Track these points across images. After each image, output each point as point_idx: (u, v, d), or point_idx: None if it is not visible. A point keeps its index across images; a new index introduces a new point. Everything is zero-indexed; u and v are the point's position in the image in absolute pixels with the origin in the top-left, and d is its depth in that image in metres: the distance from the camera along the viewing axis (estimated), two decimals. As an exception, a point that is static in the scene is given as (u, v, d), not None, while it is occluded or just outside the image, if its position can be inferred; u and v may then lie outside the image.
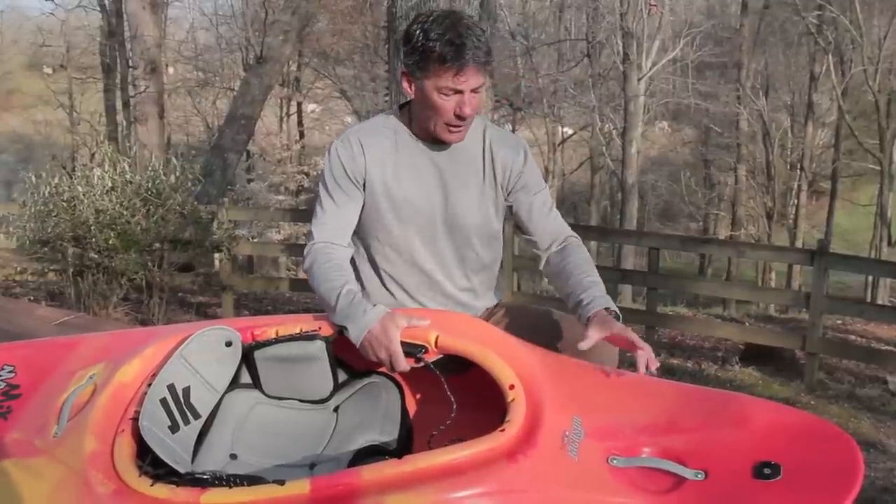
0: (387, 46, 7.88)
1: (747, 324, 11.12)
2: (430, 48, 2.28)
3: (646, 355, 2.24)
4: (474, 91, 2.33)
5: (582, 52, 26.46)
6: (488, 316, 2.67)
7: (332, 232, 2.46)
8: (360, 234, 2.55)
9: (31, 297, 9.50)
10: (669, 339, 9.85)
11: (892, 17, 22.81)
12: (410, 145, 2.48)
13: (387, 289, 2.57)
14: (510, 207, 2.60)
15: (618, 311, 2.36)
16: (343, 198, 2.46)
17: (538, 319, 2.63)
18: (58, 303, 8.49)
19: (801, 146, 26.63)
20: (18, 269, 10.84)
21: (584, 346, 2.24)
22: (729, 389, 7.11)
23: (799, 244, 24.09)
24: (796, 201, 26.65)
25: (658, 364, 2.26)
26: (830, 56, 23.31)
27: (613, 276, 13.93)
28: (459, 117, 2.34)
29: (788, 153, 27.76)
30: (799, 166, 26.86)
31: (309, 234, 2.51)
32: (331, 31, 23.57)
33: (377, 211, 2.48)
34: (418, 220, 2.49)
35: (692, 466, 1.95)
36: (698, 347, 9.57)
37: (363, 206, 2.49)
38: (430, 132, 2.42)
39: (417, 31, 2.32)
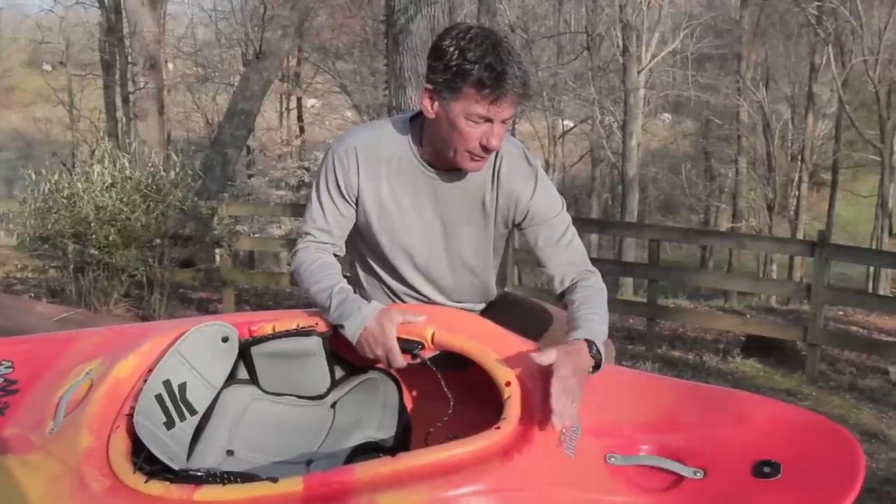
0: (385, 41, 7.87)
1: (748, 315, 11.11)
2: (467, 70, 2.09)
3: (554, 415, 1.91)
4: (503, 122, 2.17)
5: (581, 44, 26.44)
6: (485, 309, 2.65)
7: (318, 240, 2.41)
8: (356, 243, 2.50)
9: (32, 294, 9.50)
10: (671, 331, 9.86)
11: (893, 7, 22.74)
12: (413, 169, 2.34)
13: (385, 295, 2.54)
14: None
15: (601, 354, 2.10)
16: (333, 210, 2.39)
17: (538, 313, 2.61)
18: (58, 299, 8.49)
19: (802, 137, 26.56)
20: (19, 265, 10.84)
21: (537, 358, 1.99)
22: (730, 381, 7.16)
23: (800, 235, 24.03)
24: (797, 193, 26.60)
25: (561, 426, 1.92)
26: (830, 47, 23.24)
27: (614, 268, 13.90)
28: (485, 149, 2.18)
29: (789, 144, 27.71)
30: (799, 157, 26.81)
31: (298, 237, 2.47)
32: (330, 26, 23.52)
33: (368, 228, 2.41)
34: (412, 248, 2.42)
35: (691, 465, 1.94)
36: (700, 339, 9.56)
37: (357, 221, 2.42)
38: (445, 157, 2.26)
39: (451, 49, 2.12)
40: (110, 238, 7.79)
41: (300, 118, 28.82)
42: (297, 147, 26.81)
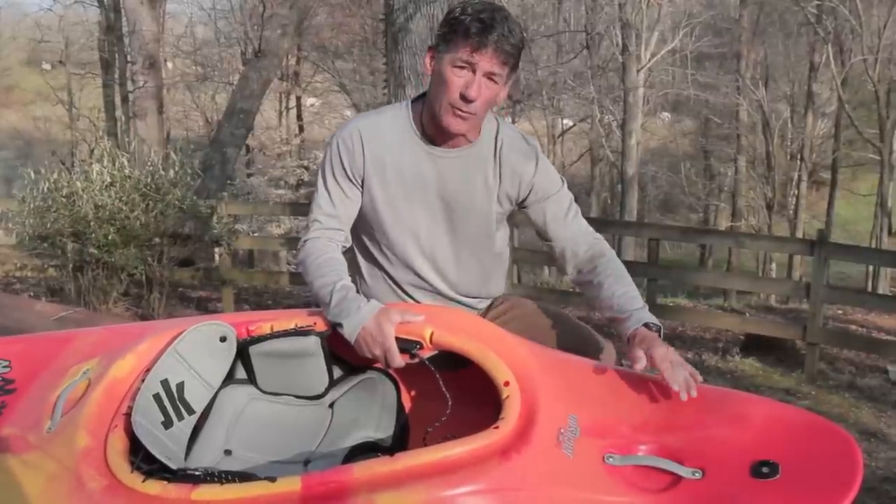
0: (385, 39, 7.86)
1: (748, 314, 11.10)
2: (460, 21, 2.24)
3: (675, 377, 2.09)
4: (488, 77, 2.26)
5: (581, 43, 26.41)
6: (489, 308, 2.66)
7: (327, 229, 2.43)
8: (359, 231, 2.52)
9: (31, 293, 9.51)
10: (670, 330, 9.85)
11: (892, 6, 22.74)
12: (416, 146, 2.41)
13: (387, 284, 2.54)
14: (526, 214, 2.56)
15: (659, 325, 2.28)
16: (339, 194, 2.43)
17: (538, 315, 2.61)
18: (58, 298, 8.49)
19: (801, 136, 26.60)
20: (18, 265, 10.84)
21: (638, 367, 2.15)
22: (729, 380, 7.15)
23: (799, 234, 24.05)
24: (796, 192, 26.62)
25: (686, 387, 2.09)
26: (830, 46, 23.25)
27: (614, 267, 13.85)
28: (465, 98, 2.25)
29: (788, 143, 27.74)
30: (799, 156, 26.84)
31: (305, 228, 2.48)
32: (329, 25, 23.53)
33: (374, 211, 2.44)
34: (415, 225, 2.45)
35: (689, 465, 1.93)
36: (699, 338, 9.55)
37: (363, 204, 2.45)
38: (436, 118, 2.32)
39: (457, 9, 2.28)
40: (109, 237, 7.79)
41: (299, 117, 28.81)
42: (297, 146, 26.81)
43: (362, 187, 2.43)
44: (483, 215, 2.48)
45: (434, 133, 2.39)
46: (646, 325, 2.25)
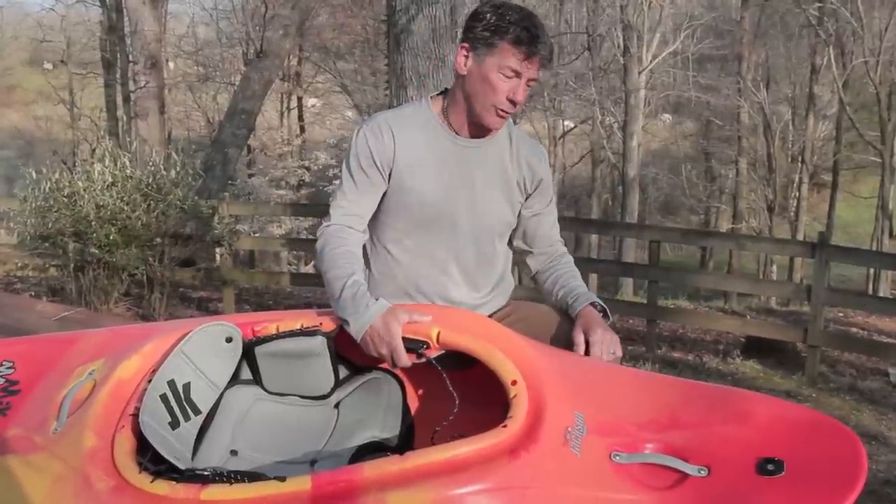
0: (387, 40, 7.86)
1: (749, 317, 11.12)
2: (506, 29, 2.32)
3: (599, 344, 2.36)
4: (528, 83, 2.38)
5: (582, 45, 26.43)
6: (494, 312, 2.66)
7: (349, 216, 2.45)
8: (380, 221, 2.53)
9: (33, 293, 9.51)
10: (671, 332, 9.85)
11: (893, 8, 22.75)
12: (441, 137, 2.47)
13: (397, 284, 2.54)
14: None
15: (605, 306, 2.51)
16: (365, 183, 2.45)
17: (543, 316, 2.62)
18: (59, 298, 8.49)
19: (803, 138, 26.58)
20: (19, 264, 10.84)
21: (579, 351, 2.38)
22: (730, 382, 7.16)
23: (800, 237, 24.05)
24: (797, 194, 26.61)
25: (613, 356, 2.37)
26: (831, 48, 23.26)
27: (615, 269, 13.85)
28: (512, 101, 2.36)
29: (789, 145, 27.72)
30: (800, 159, 26.83)
31: (326, 216, 2.49)
32: (331, 26, 23.56)
33: (401, 200, 2.47)
34: (441, 213, 2.48)
35: (695, 462, 1.94)
36: (699, 340, 9.56)
37: (386, 193, 2.48)
38: (471, 115, 2.43)
39: (490, 14, 2.35)
40: (111, 237, 7.79)
41: (301, 118, 28.86)
42: (298, 146, 26.85)
43: (390, 177, 2.46)
44: (505, 202, 2.55)
45: (461, 126, 2.48)
46: (592, 304, 2.49)
